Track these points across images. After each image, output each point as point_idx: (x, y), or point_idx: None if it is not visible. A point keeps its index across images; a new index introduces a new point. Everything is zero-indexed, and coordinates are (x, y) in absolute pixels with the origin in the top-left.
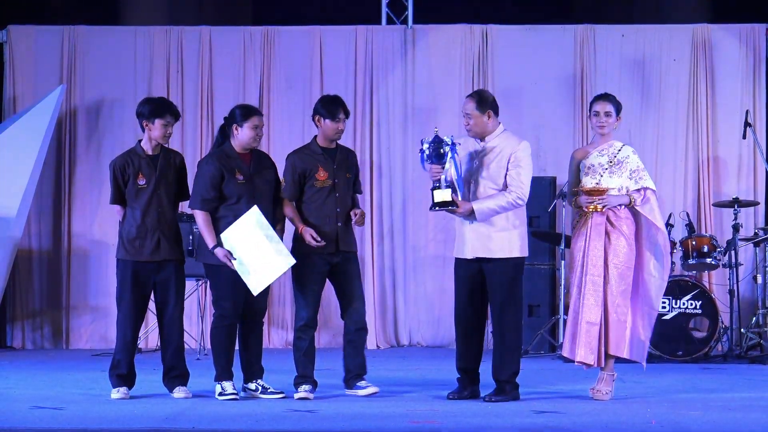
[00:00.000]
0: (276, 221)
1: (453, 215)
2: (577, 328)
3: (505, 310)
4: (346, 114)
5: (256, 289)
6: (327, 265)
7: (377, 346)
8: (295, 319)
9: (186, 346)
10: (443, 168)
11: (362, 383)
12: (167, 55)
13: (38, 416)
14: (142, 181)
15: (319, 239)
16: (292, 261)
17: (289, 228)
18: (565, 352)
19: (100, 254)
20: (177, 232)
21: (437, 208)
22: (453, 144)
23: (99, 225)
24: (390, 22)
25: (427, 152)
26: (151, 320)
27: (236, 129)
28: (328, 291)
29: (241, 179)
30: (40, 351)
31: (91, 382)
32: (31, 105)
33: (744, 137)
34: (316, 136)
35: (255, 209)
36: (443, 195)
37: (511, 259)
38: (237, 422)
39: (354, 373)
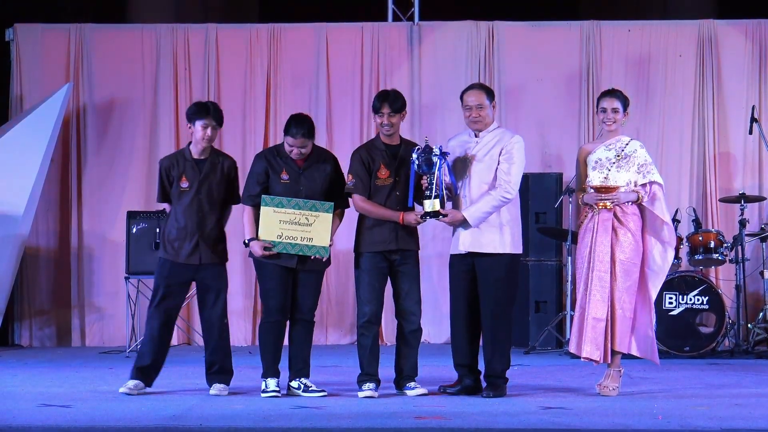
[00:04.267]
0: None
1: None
2: (584, 324)
3: (496, 306)
4: (393, 107)
5: (326, 249)
6: (385, 261)
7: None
8: (357, 316)
9: (196, 344)
10: (432, 177)
11: (412, 384)
12: (174, 53)
13: (46, 414)
14: (184, 184)
15: (422, 218)
16: (331, 204)
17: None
18: (572, 348)
19: (107, 253)
20: (218, 236)
21: (427, 217)
22: (442, 153)
23: (107, 223)
24: (396, 18)
25: (417, 162)
26: None
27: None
28: (336, 288)
29: (286, 179)
30: (48, 349)
31: (99, 380)
32: (38, 103)
33: (750, 133)
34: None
35: (261, 202)
36: (433, 204)
37: (502, 255)
38: (245, 420)
39: (406, 374)
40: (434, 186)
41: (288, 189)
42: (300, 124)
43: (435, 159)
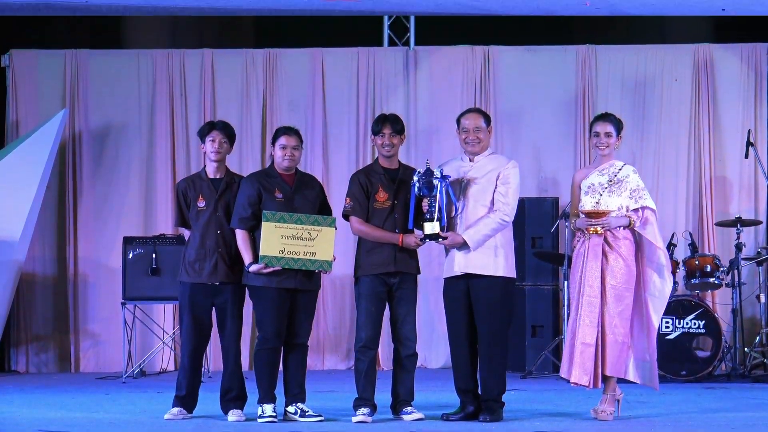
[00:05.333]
0: None
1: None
2: (573, 349)
3: (491, 330)
4: (395, 129)
5: (329, 263)
6: (384, 285)
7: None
8: (355, 341)
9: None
10: (433, 200)
11: (408, 409)
12: (170, 78)
13: None
14: (201, 203)
15: (421, 240)
16: (333, 218)
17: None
18: (563, 373)
19: (104, 279)
20: (236, 255)
21: (427, 239)
22: (443, 176)
23: (103, 249)
24: (392, 43)
25: (417, 184)
26: (156, 342)
27: (272, 151)
28: (333, 313)
29: (280, 197)
30: (44, 375)
31: (95, 406)
32: (34, 129)
33: (746, 156)
34: (378, 156)
35: (263, 217)
36: (432, 227)
37: (497, 277)
38: None
39: (402, 398)
40: (435, 209)
41: (282, 207)
42: (288, 127)
43: (435, 182)
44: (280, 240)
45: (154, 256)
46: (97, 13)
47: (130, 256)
